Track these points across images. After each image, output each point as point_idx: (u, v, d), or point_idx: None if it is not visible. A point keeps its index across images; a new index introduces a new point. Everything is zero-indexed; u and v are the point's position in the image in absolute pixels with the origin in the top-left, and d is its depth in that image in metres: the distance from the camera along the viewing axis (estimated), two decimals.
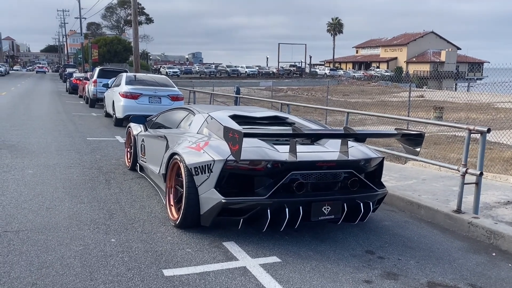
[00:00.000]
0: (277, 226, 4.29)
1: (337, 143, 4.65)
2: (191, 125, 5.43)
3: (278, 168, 4.19)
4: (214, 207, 4.22)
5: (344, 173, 4.49)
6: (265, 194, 4.14)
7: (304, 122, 5.71)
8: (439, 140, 13.18)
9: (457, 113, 20.80)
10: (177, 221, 4.63)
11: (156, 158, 5.80)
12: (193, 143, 4.75)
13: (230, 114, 5.34)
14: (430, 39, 75.13)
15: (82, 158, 8.11)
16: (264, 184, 4.25)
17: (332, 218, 4.42)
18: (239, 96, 15.87)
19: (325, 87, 16.99)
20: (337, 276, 3.71)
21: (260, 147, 4.35)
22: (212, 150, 4.36)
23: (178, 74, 64.68)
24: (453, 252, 4.38)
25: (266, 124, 5.51)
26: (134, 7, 22.78)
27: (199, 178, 4.36)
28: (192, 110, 5.81)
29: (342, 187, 4.54)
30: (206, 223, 4.44)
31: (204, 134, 5.00)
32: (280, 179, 4.19)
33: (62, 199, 5.52)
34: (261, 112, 5.89)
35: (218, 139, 4.61)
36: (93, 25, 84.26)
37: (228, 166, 4.17)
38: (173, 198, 4.95)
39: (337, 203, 4.37)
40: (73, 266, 3.67)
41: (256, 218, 4.29)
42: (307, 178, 4.33)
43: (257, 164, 4.16)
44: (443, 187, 6.93)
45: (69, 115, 15.86)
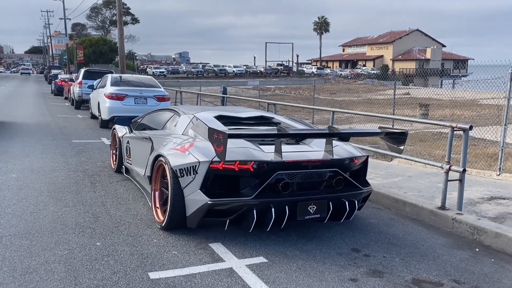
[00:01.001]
0: (263, 227, 4.30)
1: (322, 142, 4.68)
2: (176, 126, 5.40)
3: (264, 168, 4.19)
4: (200, 208, 4.22)
5: (329, 172, 4.52)
6: (251, 195, 4.15)
7: (290, 121, 5.72)
8: (425, 137, 13.31)
9: (442, 110, 21.01)
10: (163, 223, 4.61)
11: (142, 160, 5.76)
12: (178, 144, 4.72)
13: (216, 115, 5.33)
14: (415, 37, 75.82)
15: (67, 161, 8.03)
16: (250, 185, 4.26)
17: (318, 217, 4.44)
18: (226, 96, 15.84)
19: (312, 86, 17.06)
20: (323, 275, 3.73)
21: (246, 147, 4.35)
22: (197, 152, 4.35)
23: (165, 74, 64.31)
24: (438, 249, 4.44)
25: (252, 124, 5.51)
26: (119, 7, 22.60)
27: (185, 180, 4.34)
28: (177, 111, 5.78)
29: (328, 186, 4.57)
30: (192, 225, 4.43)
31: (189, 135, 4.97)
32: (266, 179, 4.20)
33: (46, 203, 5.46)
34: (247, 112, 5.88)
35: (203, 140, 4.59)
36: (78, 26, 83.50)
37: (214, 167, 4.16)
38: (159, 200, 4.93)
39: (323, 202, 4.40)
40: (58, 271, 3.63)
41: (242, 218, 4.28)
42: (293, 177, 4.35)
43: (242, 165, 4.15)
44: (428, 183, 7.01)
45: (54, 117, 15.68)
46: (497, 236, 4.49)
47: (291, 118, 6.16)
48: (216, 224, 4.50)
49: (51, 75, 41.77)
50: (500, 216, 5.43)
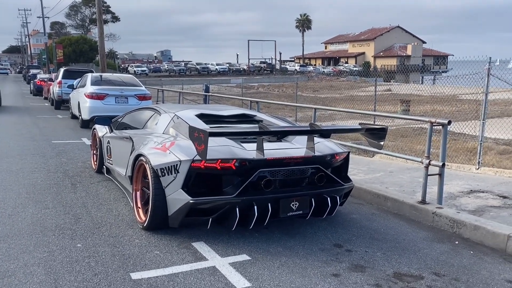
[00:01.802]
0: (246, 225, 4.30)
1: (303, 139, 4.69)
2: (157, 125, 5.35)
3: (246, 166, 4.19)
4: (182, 208, 4.19)
5: (311, 168, 4.54)
6: (233, 193, 4.14)
7: (272, 119, 5.72)
8: (406, 132, 13.48)
9: (423, 105, 21.31)
10: (144, 223, 4.57)
11: (122, 160, 5.70)
12: (158, 143, 4.68)
13: (197, 113, 5.29)
14: (396, 33, 76.67)
15: (47, 162, 7.89)
16: (232, 183, 4.25)
17: (301, 214, 4.46)
18: (209, 94, 15.76)
19: (295, 83, 17.12)
20: (306, 271, 3.75)
21: (227, 145, 4.33)
22: (178, 150, 4.32)
23: (146, 72, 63.69)
24: (418, 242, 4.50)
25: (234, 123, 5.48)
26: (99, 6, 22.28)
27: (166, 179, 4.31)
28: (158, 109, 5.72)
29: (310, 183, 4.59)
30: (175, 224, 4.40)
31: (171, 134, 4.93)
32: (248, 177, 4.20)
33: (25, 205, 5.36)
34: (229, 110, 5.85)
35: (184, 139, 4.55)
36: (57, 25, 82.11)
37: (195, 166, 4.14)
38: (140, 200, 4.89)
39: (305, 198, 4.42)
40: (37, 273, 3.57)
41: (225, 217, 4.27)
42: (275, 175, 4.36)
43: (224, 163, 4.14)
44: (409, 178, 7.10)
45: (33, 118, 15.40)
46: (476, 228, 4.58)
47: (273, 116, 6.16)
48: (199, 223, 4.48)
49: (30, 75, 41.06)
50: (479, 209, 5.53)
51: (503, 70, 8.82)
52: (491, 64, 7.92)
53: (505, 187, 6.54)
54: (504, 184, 6.74)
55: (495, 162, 8.76)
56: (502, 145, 10.69)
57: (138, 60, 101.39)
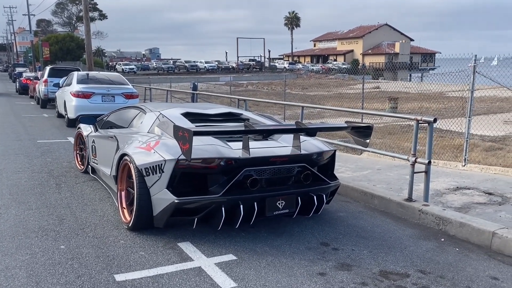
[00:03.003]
0: (232, 224, 4.27)
1: (289, 138, 4.68)
2: (142, 124, 5.29)
3: (232, 165, 4.17)
4: (167, 208, 4.15)
5: (297, 167, 4.53)
6: (219, 192, 4.12)
7: (259, 117, 5.69)
8: (394, 130, 13.54)
9: (411, 103, 21.43)
10: (129, 223, 4.52)
11: (107, 160, 5.63)
12: (143, 143, 4.64)
13: (183, 112, 5.24)
14: (384, 31, 77.03)
15: (32, 162, 7.77)
16: (218, 182, 4.23)
17: (287, 212, 4.45)
18: (196, 93, 15.67)
19: (284, 81, 17.10)
20: (292, 270, 3.73)
21: (213, 144, 4.30)
22: (163, 150, 4.27)
23: (135, 70, 63.21)
24: (405, 240, 4.51)
25: (220, 121, 5.44)
26: (85, 3, 22.02)
27: (151, 179, 4.27)
28: (144, 108, 5.65)
29: (296, 181, 4.58)
30: (160, 224, 4.36)
31: (155, 133, 4.88)
32: (234, 176, 4.17)
33: (8, 206, 5.26)
34: (215, 109, 5.79)
35: (169, 138, 4.50)
36: (43, 22, 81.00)
37: (180, 165, 4.10)
38: (125, 200, 4.83)
39: (291, 197, 4.41)
40: (18, 276, 3.50)
41: (211, 216, 4.24)
42: (261, 174, 4.34)
43: (209, 162, 4.12)
44: (397, 176, 7.12)
45: (18, 117, 15.17)
46: (461, 225, 4.60)
47: (259, 114, 6.13)
48: (184, 223, 4.43)
49: (16, 73, 40.46)
50: (465, 206, 5.57)
51: (487, 67, 8.89)
52: (476, 62, 7.96)
53: (490, 184, 6.59)
54: (489, 181, 6.80)
55: (481, 159, 8.83)
56: (488, 141, 10.78)
57: (126, 58, 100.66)
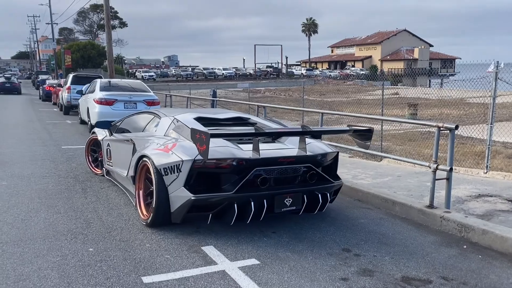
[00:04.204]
0: (244, 219, 4.56)
1: (296, 140, 4.98)
2: (158, 128, 5.61)
3: (243, 165, 4.48)
4: (184, 204, 4.46)
5: (303, 167, 4.84)
6: (231, 190, 4.42)
7: (265, 122, 6.04)
8: (414, 136, 13.47)
9: (430, 109, 21.23)
10: (148, 220, 4.82)
11: (123, 162, 5.95)
12: (161, 145, 4.94)
13: (195, 117, 5.57)
14: (403, 37, 76.52)
15: (58, 167, 8.00)
16: (230, 181, 4.54)
17: (294, 209, 4.76)
18: (216, 99, 15.85)
19: (302, 87, 17.14)
20: (315, 275, 3.79)
21: (226, 146, 4.61)
22: (180, 151, 4.58)
23: (154, 78, 64.09)
24: (426, 247, 4.52)
25: (229, 125, 5.75)
26: (107, 11, 22.52)
27: (169, 178, 4.57)
28: (158, 113, 6.00)
29: (302, 181, 4.90)
30: (177, 220, 4.66)
31: (172, 136, 5.18)
32: (245, 175, 4.47)
33: (37, 209, 5.45)
34: (224, 113, 6.15)
35: (185, 140, 4.83)
36: (65, 30, 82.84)
37: (196, 165, 4.42)
38: (143, 198, 5.13)
39: (298, 195, 4.73)
40: (51, 277, 3.64)
41: (224, 212, 4.55)
42: (270, 173, 4.65)
43: (223, 162, 4.44)
44: (417, 183, 7.10)
45: (43, 123, 15.58)
46: (484, 233, 4.59)
47: (266, 118, 6.56)
48: (200, 218, 4.71)
49: (39, 80, 41.48)
50: (487, 213, 5.54)
51: (508, 73, 8.82)
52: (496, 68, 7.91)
53: None
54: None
55: (503, 166, 8.73)
56: (510, 148, 10.64)
57: (145, 65, 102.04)
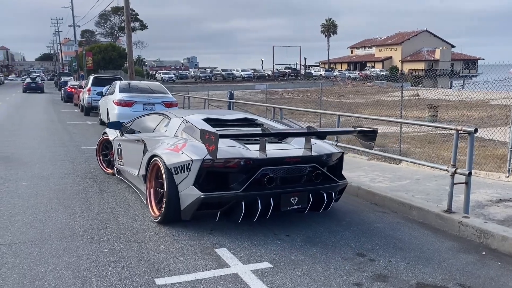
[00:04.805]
0: (251, 217, 4.68)
1: (302, 140, 5.10)
2: (168, 128, 5.78)
3: (250, 165, 4.60)
4: (193, 202, 4.62)
5: (308, 167, 4.95)
6: (239, 189, 4.55)
7: (272, 122, 6.19)
8: (434, 139, 13.25)
9: (451, 111, 20.84)
10: (158, 217, 4.99)
11: (134, 161, 6.15)
12: (171, 145, 5.09)
13: (204, 118, 5.71)
14: (424, 37, 75.37)
15: (76, 168, 8.13)
16: (238, 180, 4.66)
17: (300, 208, 4.89)
18: (233, 101, 15.88)
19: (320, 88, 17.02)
20: (328, 280, 3.75)
21: (234, 146, 4.75)
22: (190, 151, 4.72)
23: (173, 79, 64.71)
24: (443, 252, 4.42)
25: (236, 126, 5.89)
26: (127, 14, 22.83)
27: (179, 177, 4.73)
28: (168, 114, 6.18)
29: (307, 180, 5.00)
30: (187, 217, 4.83)
31: (181, 137, 5.32)
32: (252, 175, 4.59)
33: (55, 210, 5.54)
34: (232, 115, 6.31)
35: (194, 140, 4.97)
36: (87, 33, 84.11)
37: (205, 164, 4.57)
38: (154, 196, 5.29)
39: (303, 194, 4.85)
40: (66, 277, 3.69)
41: (232, 210, 4.69)
42: (276, 172, 4.77)
43: (231, 162, 4.57)
44: (436, 186, 6.97)
45: (63, 124, 15.87)
46: (504, 239, 4.47)
47: (272, 119, 6.76)
48: (208, 216, 4.85)
49: (61, 81, 42.30)
50: (508, 219, 5.39)
51: None
52: None
53: None
54: None
55: None
56: None
57: (165, 66, 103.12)
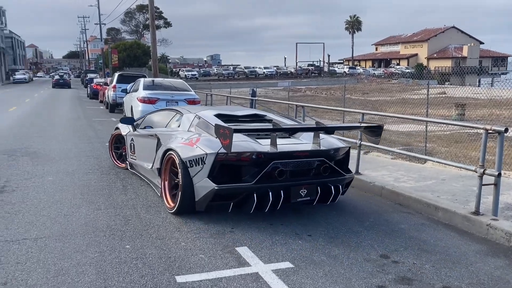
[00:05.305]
0: (262, 208, 4.88)
1: (310, 136, 5.36)
2: (181, 124, 6.02)
3: (262, 159, 4.81)
4: (208, 193, 4.83)
5: (317, 161, 5.16)
6: (251, 181, 4.76)
7: (281, 118, 6.39)
8: (461, 138, 12.91)
9: (480, 109, 20.28)
10: (173, 208, 5.22)
11: (148, 155, 6.36)
12: (185, 139, 5.31)
13: (215, 113, 5.91)
14: (451, 34, 73.69)
15: (101, 164, 8.25)
16: (250, 173, 4.86)
17: (308, 200, 5.09)
18: (255, 99, 15.85)
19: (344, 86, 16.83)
20: (350, 282, 3.67)
21: (246, 141, 4.95)
22: (204, 145, 4.95)
23: (196, 77, 65.14)
24: (471, 256, 4.29)
25: (247, 122, 6.07)
26: (152, 12, 23.06)
27: (193, 170, 4.94)
28: (180, 110, 6.43)
29: (316, 173, 5.20)
30: (201, 208, 5.03)
31: (194, 132, 5.54)
32: (264, 168, 4.79)
33: (79, 205, 5.63)
34: (242, 111, 6.54)
35: (207, 135, 5.21)
36: (112, 31, 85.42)
37: (219, 158, 4.78)
38: (169, 189, 5.51)
39: (312, 186, 5.05)
40: (88, 273, 3.73)
41: (244, 202, 4.90)
42: (286, 166, 4.96)
43: (243, 156, 4.79)
44: (463, 187, 6.78)
45: (89, 121, 16.15)
46: None
47: (281, 115, 7.03)
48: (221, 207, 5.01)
49: (87, 79, 43.11)
50: None
51: None
52: None
53: None
54: None
55: None
56: None
57: (188, 64, 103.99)
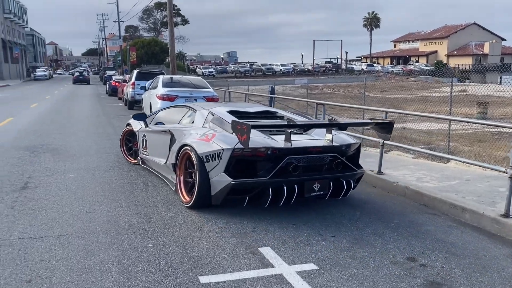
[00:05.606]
0: (277, 202, 4.98)
1: (322, 132, 5.50)
2: (195, 120, 6.13)
3: (276, 154, 4.93)
4: (224, 188, 4.94)
5: (329, 156, 5.28)
6: (266, 176, 4.87)
7: (292, 115, 6.47)
8: (484, 137, 12.62)
9: (503, 108, 19.83)
10: (189, 202, 5.32)
11: (161, 151, 6.48)
12: (201, 135, 5.42)
13: (228, 110, 6.02)
14: (472, 30, 72.30)
15: (121, 161, 8.27)
16: (265, 168, 4.97)
17: (321, 194, 5.20)
18: (274, 96, 15.74)
19: (362, 83, 16.63)
20: (377, 285, 3.58)
21: (261, 137, 5.07)
22: (220, 141, 5.06)
23: (213, 74, 65.21)
24: (501, 260, 4.15)
25: (259, 118, 6.16)
26: (170, 9, 23.12)
27: (210, 165, 5.05)
28: (193, 107, 6.59)
29: (328, 168, 5.32)
30: (217, 202, 5.15)
31: (209, 128, 5.65)
32: (278, 163, 4.91)
33: (101, 203, 5.64)
34: (253, 107, 6.69)
35: (223, 131, 5.34)
36: (131, 28, 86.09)
37: (235, 153, 4.88)
38: (184, 183, 5.62)
39: (325, 181, 5.18)
40: (111, 272, 3.72)
41: (259, 196, 4.99)
42: (300, 161, 5.06)
43: (259, 151, 4.89)
44: (488, 187, 6.60)
45: (108, 118, 16.28)
46: None
47: (292, 112, 7.15)
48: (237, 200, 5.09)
49: (106, 76, 43.53)
50: None
51: None
52: None
53: None
54: None
55: None
56: None
57: (205, 61, 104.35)
